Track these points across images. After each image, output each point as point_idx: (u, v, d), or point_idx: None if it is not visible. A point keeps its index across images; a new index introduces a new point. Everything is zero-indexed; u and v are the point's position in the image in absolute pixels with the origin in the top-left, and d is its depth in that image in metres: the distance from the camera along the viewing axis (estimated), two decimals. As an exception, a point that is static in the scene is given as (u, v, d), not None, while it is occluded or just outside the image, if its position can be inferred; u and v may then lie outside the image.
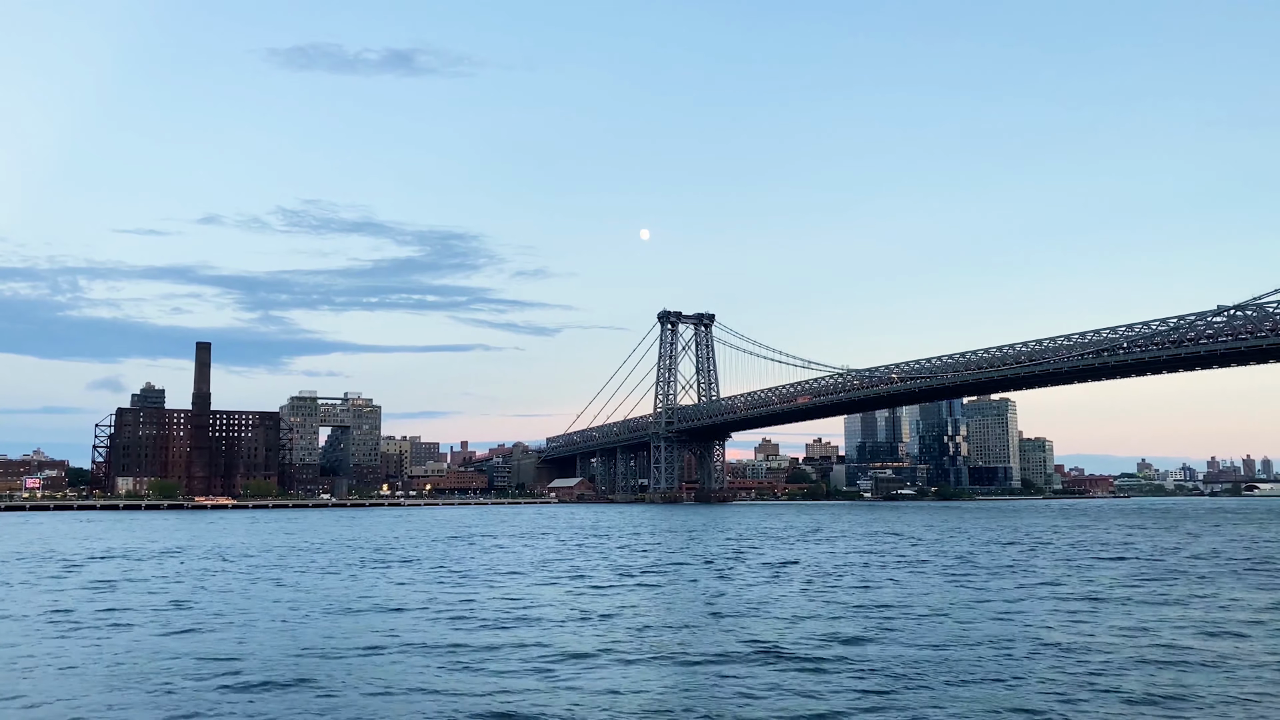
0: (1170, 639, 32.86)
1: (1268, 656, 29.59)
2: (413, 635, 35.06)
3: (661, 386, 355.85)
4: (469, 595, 48.49)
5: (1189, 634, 33.96)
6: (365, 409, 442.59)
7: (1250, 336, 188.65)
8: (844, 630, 35.72)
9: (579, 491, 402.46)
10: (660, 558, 75.01)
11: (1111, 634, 34.14)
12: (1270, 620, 37.31)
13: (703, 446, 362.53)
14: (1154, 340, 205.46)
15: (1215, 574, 56.67)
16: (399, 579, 57.85)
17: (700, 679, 27.32)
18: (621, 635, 34.96)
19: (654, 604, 45.04)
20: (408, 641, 33.58)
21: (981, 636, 33.80)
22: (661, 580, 56.80)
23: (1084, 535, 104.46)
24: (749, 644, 32.90)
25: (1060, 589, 49.22)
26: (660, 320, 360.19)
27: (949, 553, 77.62)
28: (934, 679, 26.76)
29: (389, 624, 38.13)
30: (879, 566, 64.55)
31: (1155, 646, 31.36)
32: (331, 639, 34.49)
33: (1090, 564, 65.02)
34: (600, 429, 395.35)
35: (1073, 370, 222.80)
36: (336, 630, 36.77)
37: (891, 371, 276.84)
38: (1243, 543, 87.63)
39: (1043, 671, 27.56)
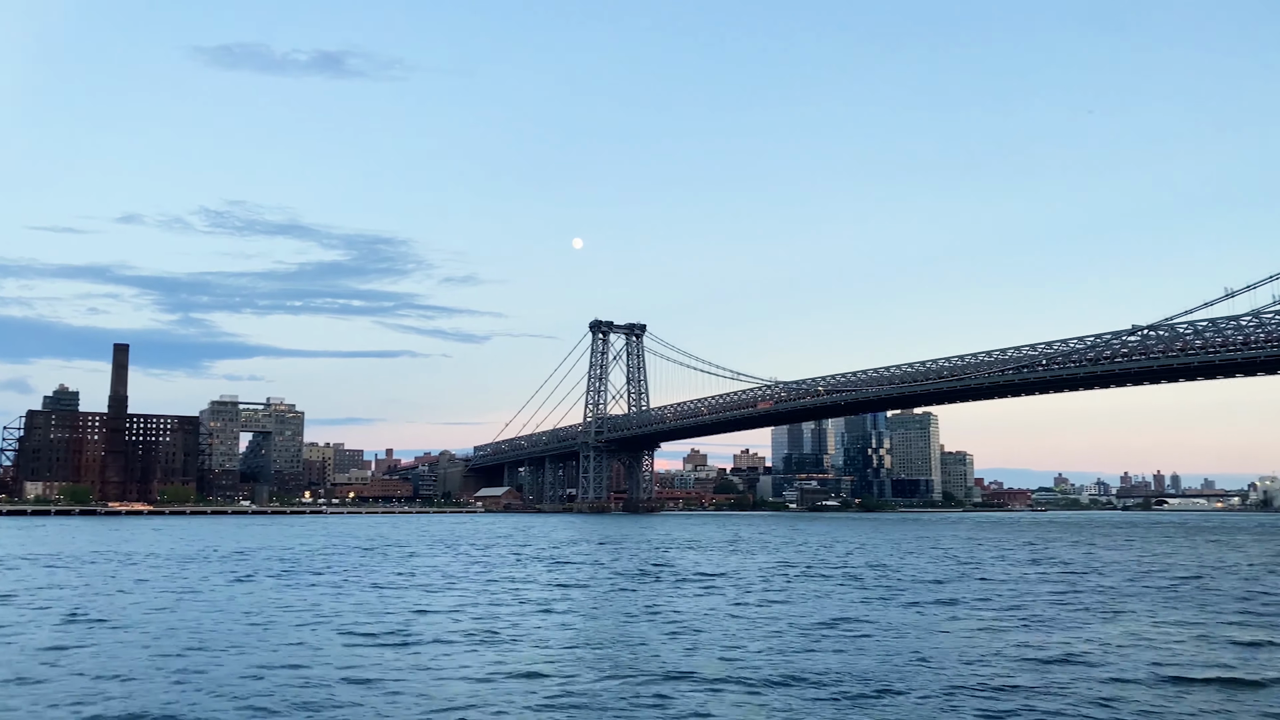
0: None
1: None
2: (298, 654, 33.97)
3: (592, 396, 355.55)
4: (373, 608, 47.47)
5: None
6: (288, 415, 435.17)
7: (1162, 356, 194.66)
8: (766, 644, 35.74)
9: (506, 501, 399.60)
10: (583, 568, 74.58)
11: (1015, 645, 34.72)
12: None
13: (632, 456, 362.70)
14: (1072, 358, 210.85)
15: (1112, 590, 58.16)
16: (301, 589, 56.48)
17: (616, 698, 27.01)
18: (530, 653, 34.32)
19: (571, 617, 44.62)
20: (293, 662, 32.41)
21: (898, 650, 34.09)
22: (582, 591, 56.39)
23: (1024, 551, 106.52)
24: (669, 659, 32.71)
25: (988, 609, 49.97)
26: (591, 330, 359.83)
27: (860, 563, 78.55)
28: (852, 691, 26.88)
29: (275, 639, 36.98)
30: (800, 578, 64.96)
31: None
32: (214, 655, 33.47)
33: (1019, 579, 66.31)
34: (529, 438, 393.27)
35: (994, 386, 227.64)
36: (221, 646, 35.70)
37: (818, 384, 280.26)
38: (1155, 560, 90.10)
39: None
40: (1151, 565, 77.26)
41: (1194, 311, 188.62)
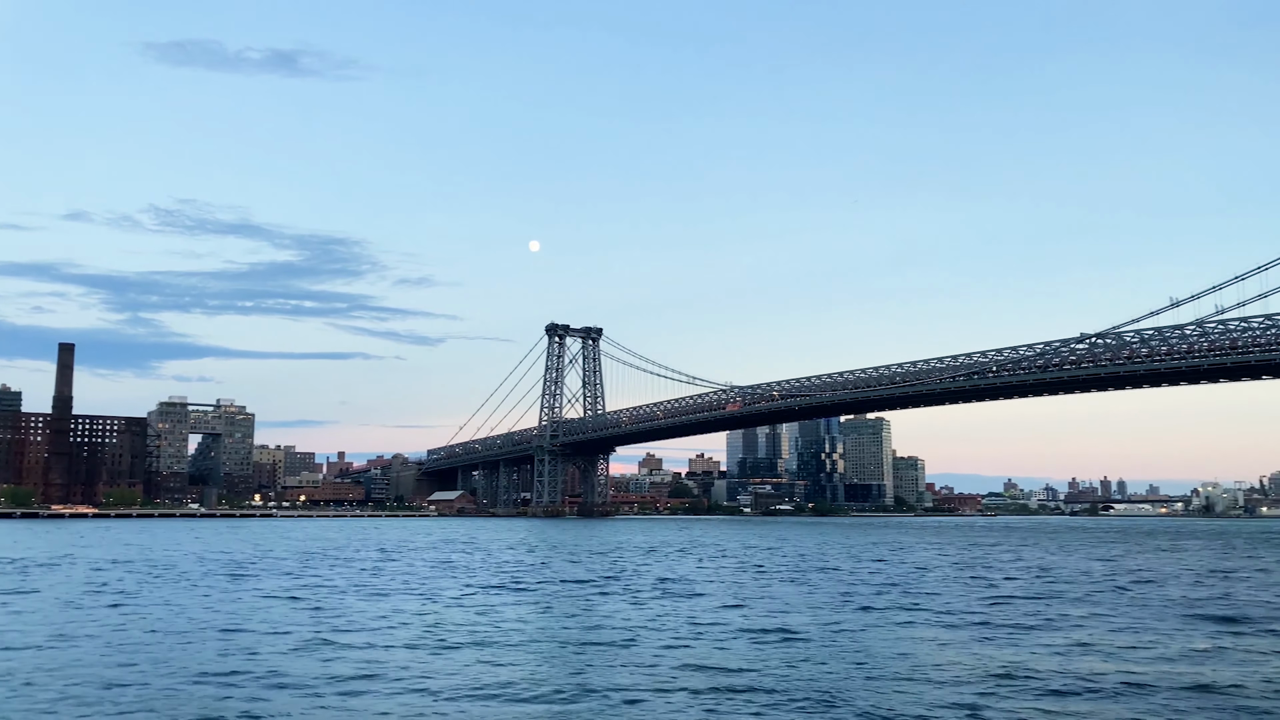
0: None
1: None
2: (230, 662, 33.54)
3: (547, 400, 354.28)
4: (318, 614, 46.93)
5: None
6: (238, 416, 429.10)
7: (1109, 364, 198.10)
8: (714, 651, 35.82)
9: (459, 505, 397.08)
10: (534, 574, 74.28)
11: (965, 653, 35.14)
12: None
13: (587, 460, 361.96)
14: (1022, 365, 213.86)
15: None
16: (243, 595, 55.74)
17: (560, 708, 26.94)
18: (478, 665, 34.11)
19: (518, 625, 44.42)
20: (226, 670, 32.00)
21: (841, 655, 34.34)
22: (531, 597, 56.16)
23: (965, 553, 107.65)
24: (616, 670, 32.68)
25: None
26: (548, 333, 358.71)
27: (813, 568, 79.08)
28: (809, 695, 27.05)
29: (210, 648, 36.47)
30: (752, 583, 65.22)
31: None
32: (158, 665, 32.91)
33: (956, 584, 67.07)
34: (483, 441, 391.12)
35: (945, 391, 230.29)
36: (156, 656, 35.11)
37: (773, 389, 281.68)
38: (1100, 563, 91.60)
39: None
40: (1113, 570, 78.62)
41: (1140, 320, 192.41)
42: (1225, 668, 31.57)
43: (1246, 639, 38.30)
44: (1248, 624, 43.00)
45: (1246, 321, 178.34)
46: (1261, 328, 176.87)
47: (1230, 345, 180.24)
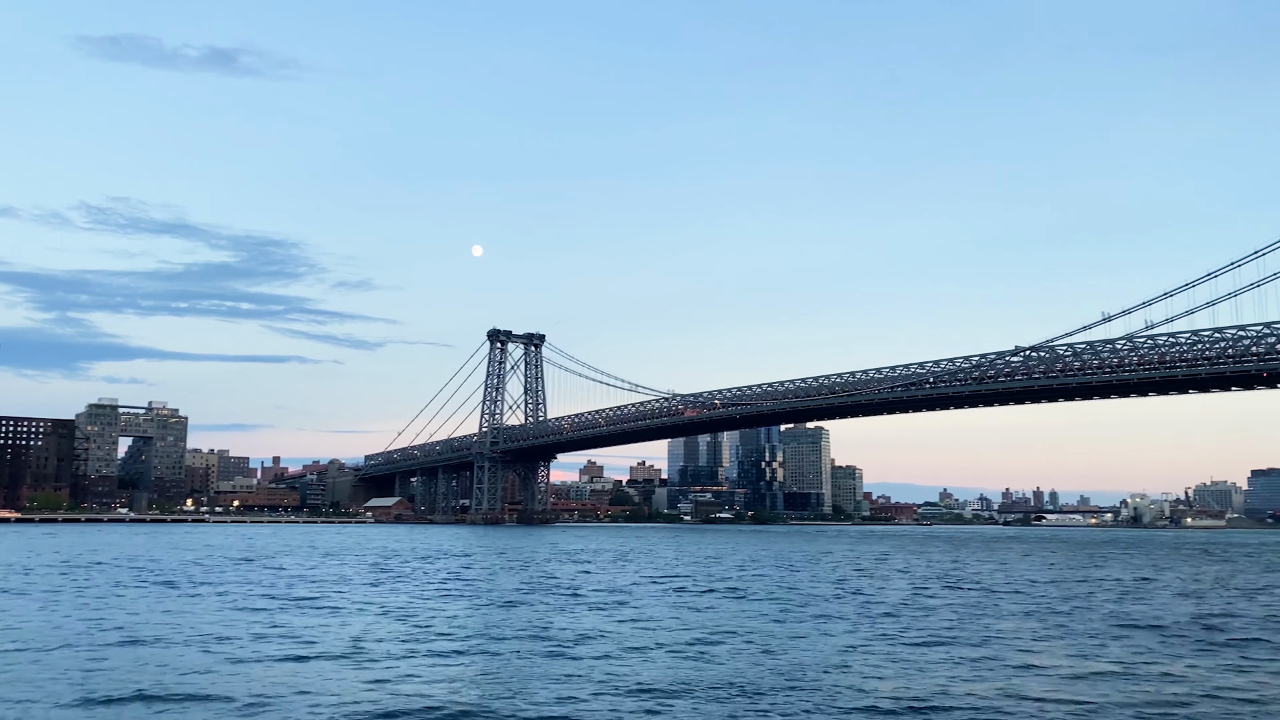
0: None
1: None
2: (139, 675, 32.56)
3: (488, 406, 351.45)
4: (238, 624, 45.83)
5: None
6: (170, 419, 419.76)
7: (1043, 376, 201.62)
8: (647, 660, 35.55)
9: (397, 511, 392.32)
10: (472, 582, 73.39)
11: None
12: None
13: (528, 467, 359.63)
14: (958, 377, 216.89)
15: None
16: (159, 603, 54.28)
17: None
18: (403, 678, 33.43)
19: (453, 635, 43.74)
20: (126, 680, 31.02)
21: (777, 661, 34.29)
22: (468, 607, 55.43)
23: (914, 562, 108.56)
24: (550, 681, 32.26)
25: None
26: (490, 338, 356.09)
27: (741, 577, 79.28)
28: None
29: (114, 660, 35.35)
30: (687, 591, 65.12)
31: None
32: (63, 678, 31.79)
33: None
34: (422, 447, 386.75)
35: (884, 402, 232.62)
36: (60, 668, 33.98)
37: (715, 397, 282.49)
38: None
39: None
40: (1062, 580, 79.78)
41: (1073, 334, 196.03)
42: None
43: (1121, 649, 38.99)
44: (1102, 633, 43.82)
45: (1174, 337, 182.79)
46: (1188, 343, 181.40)
47: (1158, 360, 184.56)
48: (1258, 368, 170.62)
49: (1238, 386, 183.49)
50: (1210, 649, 39.67)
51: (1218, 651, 39.00)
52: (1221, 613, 54.42)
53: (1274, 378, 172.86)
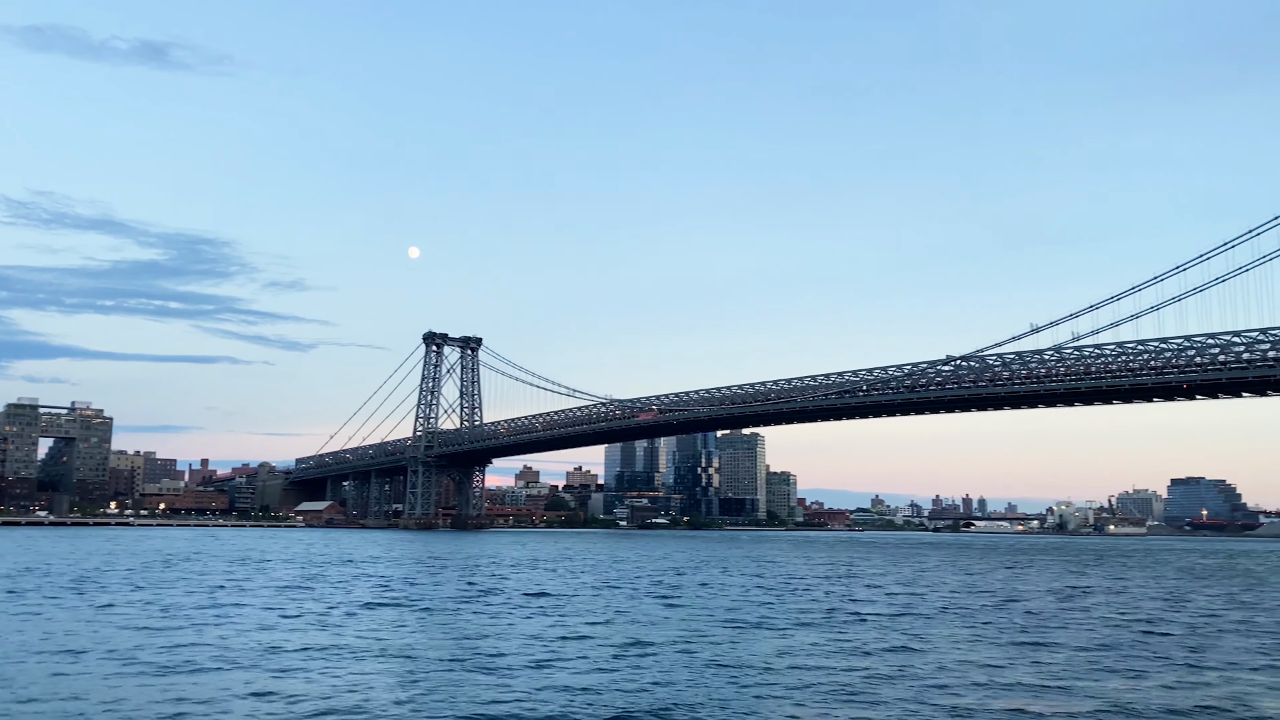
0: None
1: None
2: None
3: (423, 409, 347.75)
4: (152, 632, 44.70)
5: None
6: (94, 420, 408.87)
7: (973, 385, 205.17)
8: (578, 669, 35.37)
9: (328, 515, 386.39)
10: (403, 588, 72.46)
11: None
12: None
13: (462, 472, 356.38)
14: (890, 385, 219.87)
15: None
16: (67, 610, 52.80)
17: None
18: (328, 688, 32.83)
19: (382, 643, 43.12)
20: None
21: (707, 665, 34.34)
22: (397, 614, 54.71)
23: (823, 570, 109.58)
24: (480, 690, 31.94)
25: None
26: (425, 341, 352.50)
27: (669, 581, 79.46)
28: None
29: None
30: (619, 597, 65.03)
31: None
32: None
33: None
34: (354, 451, 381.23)
35: (818, 409, 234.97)
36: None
37: (652, 403, 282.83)
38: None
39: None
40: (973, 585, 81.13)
41: (1003, 345, 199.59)
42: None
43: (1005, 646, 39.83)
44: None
45: (1099, 349, 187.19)
46: (1112, 355, 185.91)
47: (1084, 371, 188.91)
48: (1178, 380, 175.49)
49: (1159, 398, 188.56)
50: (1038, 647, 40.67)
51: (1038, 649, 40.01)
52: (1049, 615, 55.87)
53: (1194, 389, 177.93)
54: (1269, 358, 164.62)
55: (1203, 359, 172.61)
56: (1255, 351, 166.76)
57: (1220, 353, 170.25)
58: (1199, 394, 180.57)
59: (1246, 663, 38.22)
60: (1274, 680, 34.25)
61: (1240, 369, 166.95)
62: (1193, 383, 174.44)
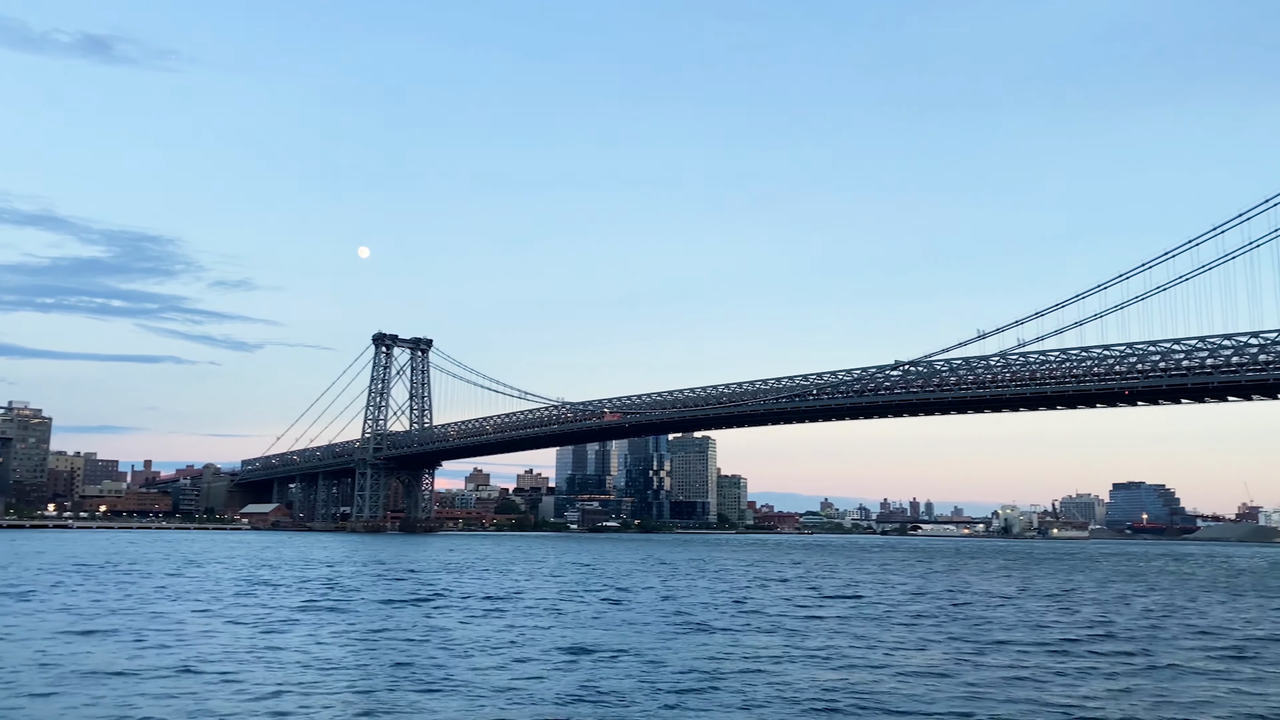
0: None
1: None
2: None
3: (372, 411, 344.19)
4: (91, 639, 43.63)
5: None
6: (32, 420, 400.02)
7: (921, 390, 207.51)
8: (521, 676, 35.08)
9: (275, 518, 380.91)
10: (347, 592, 71.54)
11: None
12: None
13: (411, 475, 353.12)
14: (840, 389, 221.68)
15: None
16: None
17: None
18: (270, 695, 32.25)
19: (320, 646, 42.48)
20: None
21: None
22: (342, 619, 53.98)
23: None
24: (436, 693, 31.54)
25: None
26: (375, 342, 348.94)
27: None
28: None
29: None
30: (567, 601, 64.75)
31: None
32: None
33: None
34: (302, 453, 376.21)
35: (769, 412, 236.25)
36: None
37: (604, 406, 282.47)
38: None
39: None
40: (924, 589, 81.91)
41: (950, 350, 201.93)
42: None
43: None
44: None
45: (1044, 355, 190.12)
46: (1057, 361, 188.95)
47: (1029, 377, 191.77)
48: (1120, 386, 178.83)
49: (1102, 404, 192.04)
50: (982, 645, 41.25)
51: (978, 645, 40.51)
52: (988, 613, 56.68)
53: (1135, 396, 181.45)
54: (1207, 365, 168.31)
55: (1144, 366, 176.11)
56: (1194, 359, 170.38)
57: (1161, 360, 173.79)
58: (1140, 400, 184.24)
59: (1187, 662, 38.95)
60: (1209, 678, 34.92)
61: (1180, 376, 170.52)
62: (1134, 389, 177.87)
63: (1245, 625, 55.45)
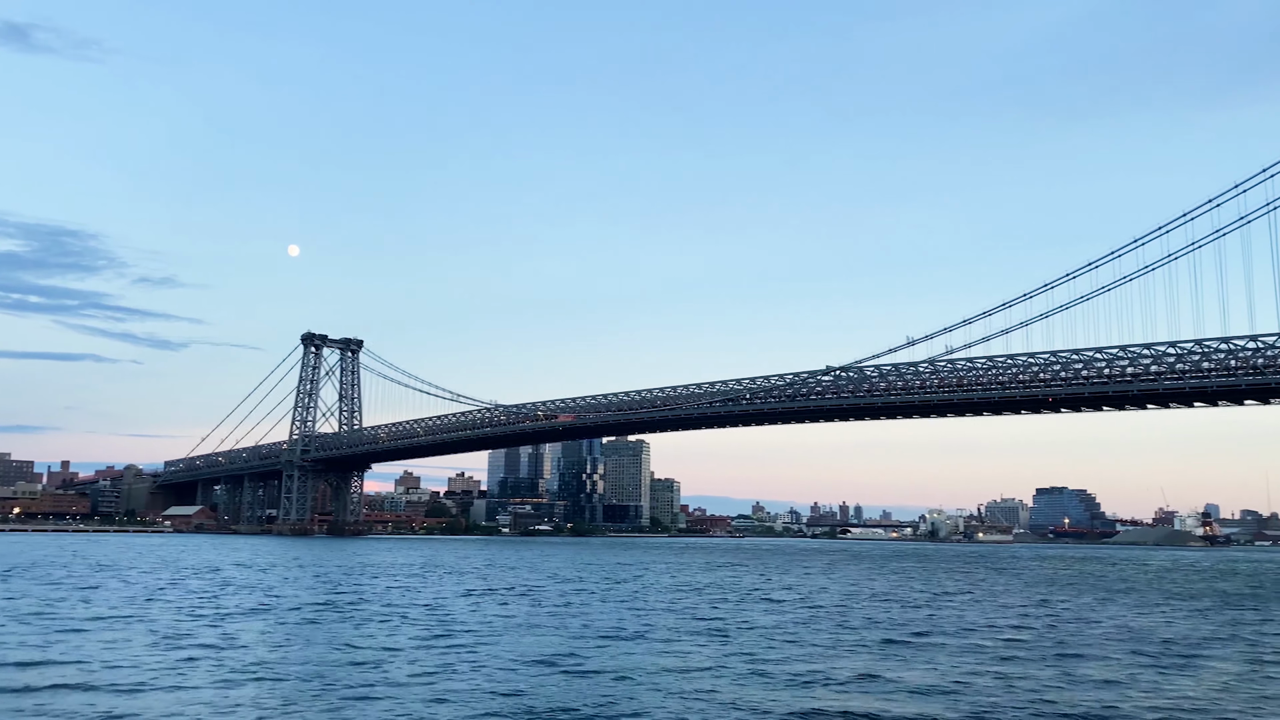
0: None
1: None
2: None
3: (300, 412, 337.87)
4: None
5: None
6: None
7: (852, 395, 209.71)
8: (442, 687, 34.37)
9: (198, 520, 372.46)
10: (269, 596, 69.78)
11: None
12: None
13: (340, 477, 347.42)
14: (772, 394, 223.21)
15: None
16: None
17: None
18: (180, 706, 31.13)
19: (244, 656, 41.21)
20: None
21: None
22: (253, 623, 52.54)
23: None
24: (357, 701, 30.67)
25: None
26: (304, 342, 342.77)
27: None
28: None
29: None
30: (491, 605, 63.92)
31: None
32: None
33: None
34: (228, 454, 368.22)
35: (702, 416, 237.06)
36: None
37: (538, 409, 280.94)
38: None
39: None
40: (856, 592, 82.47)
41: (880, 356, 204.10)
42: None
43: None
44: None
45: (971, 362, 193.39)
46: (984, 368, 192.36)
47: (957, 383, 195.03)
48: (1044, 393, 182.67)
49: (1026, 410, 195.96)
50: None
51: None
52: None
53: (1058, 403, 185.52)
54: (1128, 374, 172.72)
55: (1067, 374, 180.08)
56: (1115, 367, 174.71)
57: (1084, 368, 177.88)
58: (1063, 407, 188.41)
59: (1110, 660, 39.55)
60: (1130, 675, 35.47)
61: (1101, 384, 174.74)
62: (1058, 396, 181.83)
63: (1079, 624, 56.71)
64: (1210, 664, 41.36)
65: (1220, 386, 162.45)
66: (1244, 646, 47.93)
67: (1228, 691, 34.30)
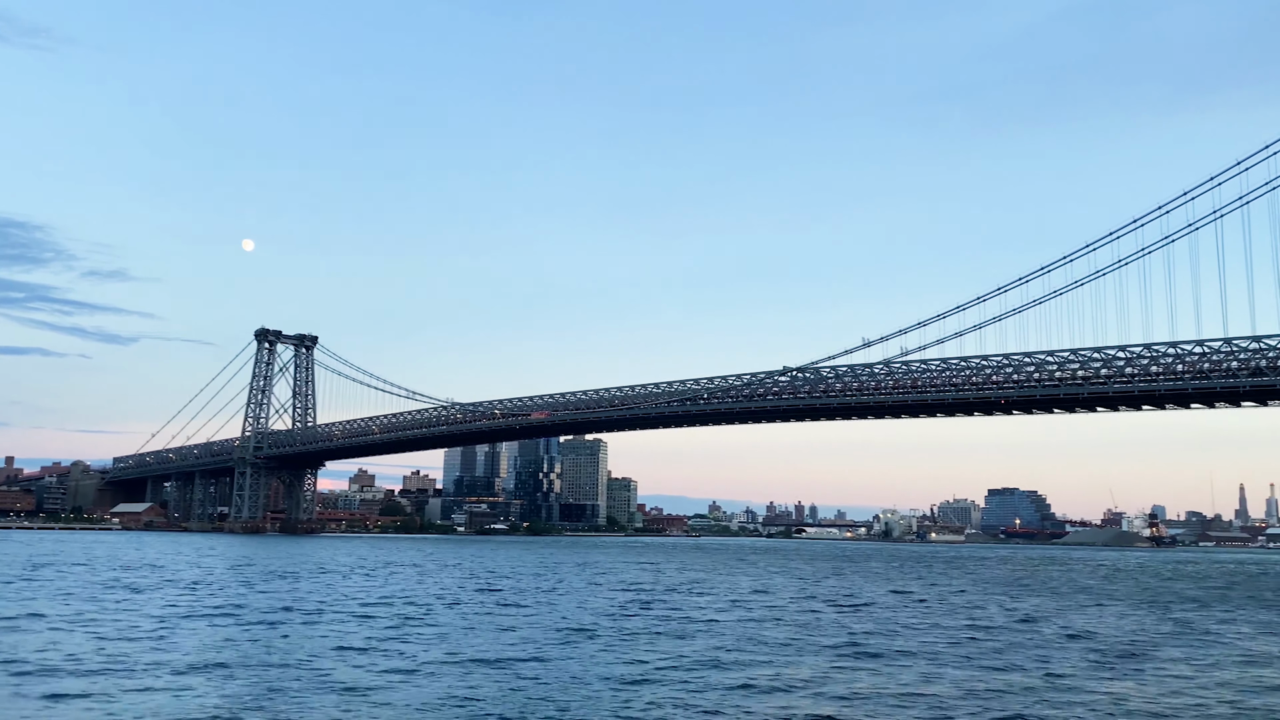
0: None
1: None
2: None
3: (253, 409, 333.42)
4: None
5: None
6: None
7: (808, 396, 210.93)
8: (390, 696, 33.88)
9: (148, 518, 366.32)
10: (218, 595, 68.61)
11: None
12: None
13: (293, 475, 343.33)
14: (730, 394, 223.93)
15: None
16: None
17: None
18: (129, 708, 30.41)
19: (189, 658, 40.38)
20: None
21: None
22: (202, 624, 51.59)
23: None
24: (305, 704, 30.09)
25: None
26: (257, 338, 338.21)
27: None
28: None
29: None
30: (441, 607, 63.40)
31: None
32: None
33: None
34: (178, 450, 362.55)
35: (660, 416, 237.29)
36: None
37: (495, 407, 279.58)
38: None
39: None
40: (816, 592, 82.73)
41: (837, 357, 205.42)
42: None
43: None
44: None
45: (926, 363, 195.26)
46: (938, 370, 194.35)
47: (912, 384, 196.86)
48: (997, 395, 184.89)
49: (979, 412, 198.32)
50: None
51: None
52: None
53: (1011, 405, 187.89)
54: (1079, 377, 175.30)
55: (1020, 376, 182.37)
56: (1066, 370, 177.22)
57: (1036, 371, 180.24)
58: (1016, 409, 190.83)
59: (1062, 659, 39.93)
60: (1076, 671, 35.80)
61: (1053, 387, 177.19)
62: (1010, 399, 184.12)
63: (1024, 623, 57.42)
64: (1162, 665, 41.89)
65: (1168, 390, 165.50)
66: (1196, 647, 48.61)
67: (1177, 695, 34.71)
